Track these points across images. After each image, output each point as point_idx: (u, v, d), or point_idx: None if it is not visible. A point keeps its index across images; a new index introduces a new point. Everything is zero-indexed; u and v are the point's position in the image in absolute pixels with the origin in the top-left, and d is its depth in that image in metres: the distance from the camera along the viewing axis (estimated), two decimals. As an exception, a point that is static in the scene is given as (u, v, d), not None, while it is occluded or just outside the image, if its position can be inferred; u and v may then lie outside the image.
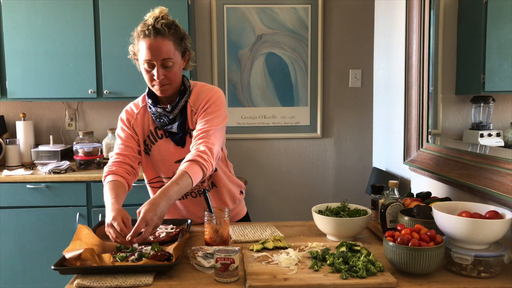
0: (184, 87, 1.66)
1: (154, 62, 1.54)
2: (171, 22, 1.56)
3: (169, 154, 1.66)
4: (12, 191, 2.70)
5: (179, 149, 1.66)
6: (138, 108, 1.70)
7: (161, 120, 1.63)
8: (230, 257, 1.20)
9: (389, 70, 2.48)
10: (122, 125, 1.70)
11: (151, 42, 1.52)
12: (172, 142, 1.65)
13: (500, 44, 1.69)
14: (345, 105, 3.38)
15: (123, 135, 1.68)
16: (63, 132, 3.28)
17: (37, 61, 2.88)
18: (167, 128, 1.64)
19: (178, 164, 1.57)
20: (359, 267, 1.21)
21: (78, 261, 1.24)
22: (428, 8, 1.92)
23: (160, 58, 1.53)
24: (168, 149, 1.66)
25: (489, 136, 1.72)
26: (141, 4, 2.87)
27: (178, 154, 1.65)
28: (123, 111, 1.73)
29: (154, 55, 1.53)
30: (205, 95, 1.65)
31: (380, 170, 2.62)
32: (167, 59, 1.54)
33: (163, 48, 1.53)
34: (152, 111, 1.64)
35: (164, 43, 1.53)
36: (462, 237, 1.25)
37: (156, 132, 1.67)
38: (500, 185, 1.39)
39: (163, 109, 1.62)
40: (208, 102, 1.63)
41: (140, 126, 1.68)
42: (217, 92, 1.68)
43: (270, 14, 3.27)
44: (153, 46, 1.52)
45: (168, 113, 1.62)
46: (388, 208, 1.54)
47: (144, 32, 1.53)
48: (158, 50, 1.52)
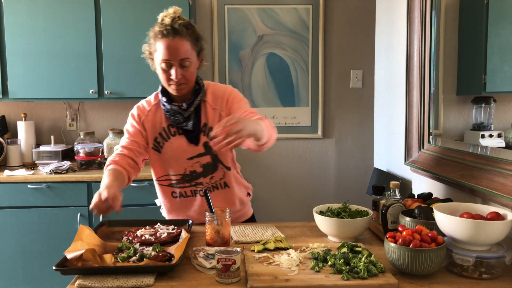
0: (198, 86, 1.68)
1: (172, 62, 1.56)
2: (188, 22, 1.59)
3: (182, 151, 1.68)
4: (13, 191, 2.70)
5: (193, 147, 1.68)
6: (150, 106, 1.72)
7: (175, 118, 1.65)
8: (231, 258, 1.20)
9: (390, 70, 2.48)
10: (132, 120, 1.72)
11: (169, 42, 1.54)
12: (186, 139, 1.68)
13: (501, 44, 1.68)
14: (346, 105, 3.38)
15: (132, 130, 1.70)
16: (64, 132, 3.29)
17: (38, 61, 2.88)
18: (182, 126, 1.67)
19: (190, 161, 1.64)
20: (360, 268, 1.21)
21: (79, 261, 1.24)
22: (430, 9, 1.92)
23: (178, 58, 1.55)
24: (181, 146, 1.68)
25: (490, 137, 1.72)
26: (143, 5, 2.87)
27: (191, 152, 1.68)
28: (134, 107, 1.75)
29: (173, 55, 1.55)
30: (223, 92, 1.70)
31: (381, 171, 2.62)
32: (185, 59, 1.56)
33: (181, 48, 1.55)
34: (167, 109, 1.66)
35: (182, 43, 1.55)
36: (464, 238, 1.25)
37: (169, 129, 1.69)
38: (502, 186, 1.39)
39: (179, 107, 1.64)
40: (230, 96, 1.68)
41: (151, 123, 1.70)
42: (232, 89, 1.72)
43: (271, 15, 3.27)
44: (171, 46, 1.54)
45: (183, 111, 1.64)
46: (389, 209, 1.54)
47: (162, 32, 1.55)
48: (177, 50, 1.54)
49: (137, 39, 2.89)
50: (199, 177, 1.71)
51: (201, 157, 1.69)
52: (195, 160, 1.69)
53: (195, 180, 1.72)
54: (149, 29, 3.15)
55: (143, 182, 2.73)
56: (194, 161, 1.69)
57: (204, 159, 1.70)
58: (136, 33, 2.90)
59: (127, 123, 1.74)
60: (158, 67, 1.61)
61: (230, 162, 1.76)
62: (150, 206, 2.75)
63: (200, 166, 1.70)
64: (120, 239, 1.52)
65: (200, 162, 1.70)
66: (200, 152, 1.69)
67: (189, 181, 1.72)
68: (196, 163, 1.70)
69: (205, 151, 1.69)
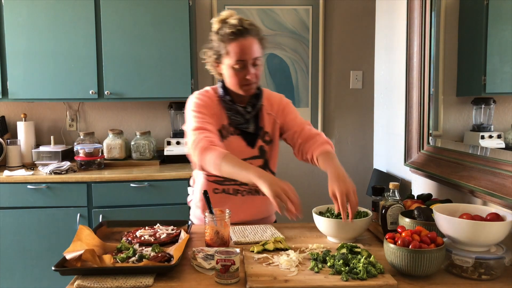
0: (258, 89, 1.70)
1: (247, 61, 1.56)
2: (252, 22, 1.60)
3: (239, 152, 1.66)
4: (13, 191, 2.70)
5: (249, 149, 1.70)
6: (212, 99, 1.68)
7: (236, 118, 1.66)
8: (230, 258, 1.20)
9: (390, 71, 2.48)
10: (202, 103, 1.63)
11: (243, 42, 1.55)
12: (244, 141, 1.69)
13: (501, 45, 1.68)
14: (346, 106, 3.38)
15: (206, 111, 1.61)
16: (64, 132, 3.29)
17: (38, 61, 2.88)
18: (241, 127, 1.68)
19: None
20: (360, 269, 1.21)
21: (78, 262, 1.24)
22: (429, 10, 1.92)
23: (252, 56, 1.57)
24: (239, 146, 1.68)
25: (490, 137, 1.72)
26: (143, 5, 2.88)
27: (246, 153, 1.69)
28: (197, 95, 1.67)
29: (247, 54, 1.56)
30: (279, 100, 1.76)
31: (381, 172, 2.62)
32: (258, 57, 1.59)
33: (254, 46, 1.57)
34: (230, 107, 1.66)
35: (254, 42, 1.57)
36: (463, 239, 1.25)
37: (229, 127, 1.68)
38: (501, 187, 1.39)
39: (244, 108, 1.66)
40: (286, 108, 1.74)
41: (215, 116, 1.65)
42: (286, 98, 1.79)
43: (271, 15, 3.27)
44: (245, 46, 1.55)
45: (246, 113, 1.66)
46: (389, 209, 1.54)
47: (235, 33, 1.55)
48: (251, 49, 1.56)
49: (137, 39, 2.92)
50: None
51: (254, 159, 1.71)
52: (247, 162, 1.68)
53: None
54: (149, 29, 3.14)
55: (143, 182, 2.73)
56: (247, 162, 1.66)
57: (256, 162, 1.71)
58: (136, 33, 2.90)
59: (192, 105, 1.64)
60: (229, 70, 1.60)
61: (275, 168, 1.80)
62: (150, 207, 2.76)
63: None
64: (119, 240, 1.53)
65: (252, 164, 1.68)
66: (255, 155, 1.71)
67: (235, 180, 1.68)
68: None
69: (259, 155, 1.72)
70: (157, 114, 3.32)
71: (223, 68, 1.63)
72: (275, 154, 1.79)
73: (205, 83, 3.30)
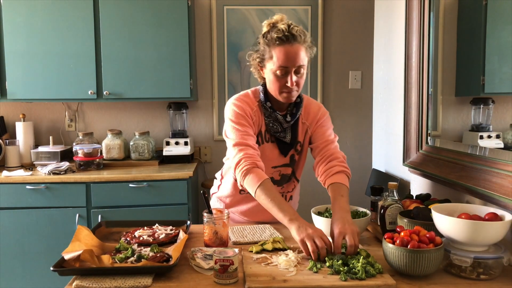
0: (299, 98, 1.68)
1: (290, 68, 1.53)
2: (302, 29, 1.56)
3: (271, 159, 1.68)
4: (12, 192, 2.70)
5: (281, 157, 1.70)
6: (254, 105, 1.66)
7: (274, 126, 1.65)
8: (229, 258, 1.20)
9: (389, 71, 2.48)
10: (242, 113, 1.61)
11: (288, 48, 1.51)
12: (278, 149, 1.68)
13: (500, 45, 1.68)
14: (344, 106, 3.38)
15: (245, 122, 1.60)
16: (62, 133, 3.28)
17: (37, 62, 2.88)
18: (278, 136, 1.66)
19: (273, 169, 1.67)
20: (358, 269, 1.21)
21: (77, 262, 1.24)
22: (428, 10, 1.92)
23: (296, 64, 1.53)
24: (272, 154, 1.68)
25: (488, 138, 1.72)
26: (141, 5, 2.88)
27: (278, 161, 1.70)
28: (237, 101, 1.64)
29: (291, 61, 1.52)
30: (316, 110, 1.72)
31: (380, 172, 2.62)
32: (301, 65, 1.54)
33: (299, 54, 1.53)
34: (270, 114, 1.64)
35: (300, 49, 1.53)
36: (462, 239, 1.25)
37: (265, 134, 1.68)
38: (500, 187, 1.39)
39: (283, 117, 1.64)
40: (320, 119, 1.70)
41: (255, 123, 1.65)
42: (324, 109, 1.75)
43: (270, 16, 3.25)
44: (290, 52, 1.51)
45: (286, 122, 1.64)
46: (388, 209, 1.54)
47: (281, 38, 1.52)
48: (295, 56, 1.52)
49: (136, 39, 2.92)
50: (273, 183, 1.67)
51: (284, 167, 1.72)
52: (278, 169, 1.71)
53: None
54: (148, 29, 3.15)
55: (142, 182, 2.73)
56: (277, 170, 1.71)
57: (286, 169, 1.73)
58: (135, 33, 2.90)
59: (232, 115, 1.61)
60: (271, 74, 1.57)
61: (301, 176, 1.81)
62: (148, 207, 2.75)
63: (279, 175, 1.72)
64: (118, 240, 1.53)
65: (280, 171, 1.72)
66: (285, 163, 1.72)
67: None
68: (277, 171, 1.72)
69: (289, 163, 1.72)
70: (156, 115, 3.32)
71: (266, 72, 1.61)
72: (302, 163, 1.79)
73: (204, 84, 3.30)
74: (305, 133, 1.72)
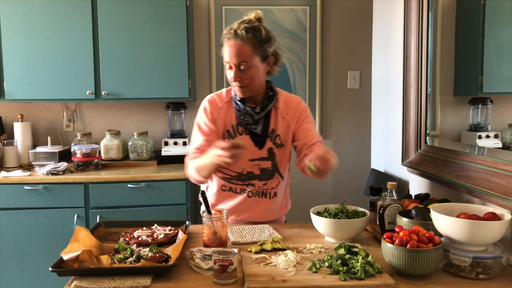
0: (272, 92, 1.75)
1: (231, 64, 1.63)
2: (252, 27, 1.63)
3: (246, 152, 1.68)
4: (10, 192, 2.69)
5: (257, 150, 1.73)
6: (222, 102, 1.75)
7: (245, 119, 1.70)
8: (228, 258, 1.19)
9: (387, 71, 2.48)
10: (205, 117, 1.74)
11: (230, 45, 1.62)
12: (252, 141, 1.72)
13: (498, 45, 1.69)
14: (343, 106, 3.39)
15: (206, 128, 1.73)
16: (61, 133, 3.28)
17: (35, 62, 2.88)
18: (250, 128, 1.71)
19: (251, 162, 1.70)
20: (358, 268, 1.21)
21: (76, 262, 1.24)
22: (426, 10, 1.92)
23: (234, 61, 1.62)
24: (247, 146, 1.68)
25: (487, 137, 1.73)
26: (140, 5, 2.87)
27: (254, 154, 1.73)
28: (206, 101, 1.76)
29: (231, 57, 1.62)
30: (295, 105, 1.77)
31: (379, 172, 2.62)
32: (242, 62, 1.61)
33: (240, 51, 1.61)
34: (239, 108, 1.71)
35: (241, 47, 1.60)
36: (461, 238, 1.25)
37: (237, 128, 1.73)
38: (498, 187, 1.39)
39: (252, 109, 1.70)
40: (302, 113, 1.76)
41: (222, 120, 1.73)
42: (304, 103, 1.81)
43: (269, 16, 3.27)
44: (231, 49, 1.62)
45: (255, 113, 1.70)
46: (387, 209, 1.54)
47: (227, 35, 1.63)
48: (235, 53, 1.61)
49: (134, 39, 2.91)
50: (254, 179, 1.74)
51: (262, 161, 1.73)
52: (255, 163, 1.73)
53: (249, 180, 1.74)
54: (146, 29, 3.16)
55: (140, 183, 2.73)
56: (254, 163, 1.73)
57: (265, 163, 1.74)
58: (133, 33, 2.90)
59: (198, 117, 1.76)
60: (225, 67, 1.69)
61: (286, 172, 1.80)
62: (147, 207, 2.75)
63: (259, 169, 1.74)
64: (116, 240, 1.52)
65: (259, 165, 1.73)
66: (263, 156, 1.73)
67: (243, 180, 1.75)
68: (256, 165, 1.73)
69: (267, 156, 1.73)
70: (154, 115, 3.32)
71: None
72: (286, 159, 1.80)
73: (203, 84, 3.30)
74: (286, 127, 1.74)
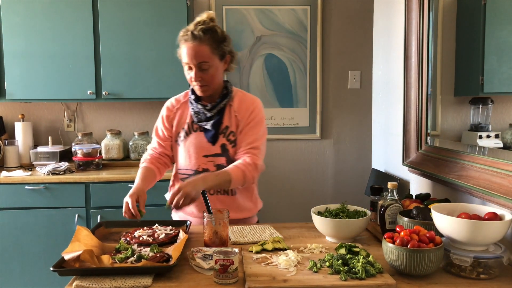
0: (226, 91, 1.79)
1: (191, 65, 1.68)
2: (208, 28, 1.68)
3: (199, 148, 1.77)
4: (11, 192, 2.69)
5: (210, 145, 1.77)
6: (179, 103, 1.85)
7: (198, 116, 1.77)
8: (229, 258, 1.19)
9: (388, 71, 2.48)
10: (161, 122, 1.85)
11: (189, 46, 1.67)
12: (205, 137, 1.77)
13: (498, 45, 1.69)
14: (344, 106, 3.39)
15: (160, 133, 1.85)
16: (62, 133, 3.28)
17: (36, 62, 2.88)
18: (202, 125, 1.77)
19: (205, 158, 1.75)
20: (358, 268, 1.21)
21: (77, 262, 1.24)
22: (427, 10, 1.92)
23: (196, 61, 1.67)
24: (200, 143, 1.77)
25: (487, 137, 1.73)
26: (141, 5, 2.87)
27: (207, 150, 1.77)
28: (165, 106, 1.87)
29: (191, 59, 1.67)
30: (250, 104, 1.79)
31: (379, 172, 2.62)
32: (202, 62, 1.67)
33: (199, 52, 1.66)
34: (193, 106, 1.78)
35: (200, 48, 1.66)
36: (461, 238, 1.25)
37: (192, 125, 1.80)
38: (499, 187, 1.39)
39: (204, 107, 1.76)
40: (252, 113, 1.77)
41: (177, 119, 1.82)
42: (259, 104, 1.82)
43: (269, 16, 3.27)
44: (190, 50, 1.67)
45: (207, 111, 1.75)
46: (387, 209, 1.54)
47: (184, 37, 1.68)
48: (195, 54, 1.66)
49: (135, 39, 2.92)
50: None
51: (216, 157, 1.76)
52: (210, 159, 1.76)
53: None
54: (147, 29, 3.17)
55: (141, 183, 2.72)
56: (209, 159, 1.76)
57: (219, 160, 1.76)
58: (134, 33, 2.90)
59: (158, 120, 1.86)
60: (184, 69, 1.74)
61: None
62: (148, 207, 2.74)
63: (214, 165, 1.76)
64: (117, 240, 1.52)
65: (214, 162, 1.76)
66: (216, 152, 1.76)
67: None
68: (211, 161, 1.76)
69: (221, 153, 1.76)
70: (155, 115, 3.28)
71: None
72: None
73: (203, 83, 3.30)
74: (237, 125, 1.77)
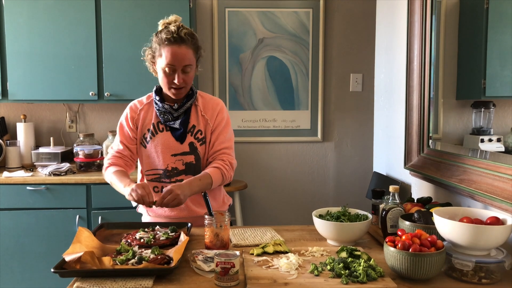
0: (192, 91, 1.81)
1: (177, 67, 1.68)
2: (191, 32, 1.72)
3: (167, 147, 1.77)
4: (12, 193, 2.70)
5: (178, 144, 1.77)
6: (142, 105, 1.83)
7: (165, 116, 1.76)
8: (230, 261, 1.19)
9: (390, 74, 2.48)
10: (125, 123, 1.82)
11: (176, 49, 1.66)
12: (173, 136, 1.77)
13: (501, 49, 1.69)
14: (346, 109, 3.38)
15: (125, 135, 1.81)
16: (63, 134, 3.28)
17: (38, 62, 2.88)
18: (170, 124, 1.77)
19: (174, 157, 1.76)
20: (360, 272, 1.21)
21: (78, 264, 1.24)
22: (430, 13, 1.92)
23: (182, 64, 1.68)
24: (167, 142, 1.77)
25: (489, 141, 1.72)
26: (143, 7, 2.88)
27: (175, 149, 1.77)
28: (128, 107, 1.84)
29: (178, 61, 1.67)
30: (215, 105, 1.82)
31: (381, 175, 2.62)
32: (188, 65, 1.69)
33: (186, 55, 1.68)
34: (159, 107, 1.77)
35: (187, 51, 1.68)
36: (463, 243, 1.24)
37: (158, 125, 1.79)
38: (501, 191, 1.39)
39: (170, 107, 1.76)
40: (220, 114, 1.81)
41: (142, 120, 1.81)
42: (223, 104, 1.86)
43: (272, 18, 3.27)
44: (177, 53, 1.66)
45: (174, 111, 1.76)
46: (389, 213, 1.54)
47: (170, 39, 1.66)
48: (182, 57, 1.67)
49: (137, 41, 2.91)
50: (180, 174, 1.77)
51: (185, 155, 1.78)
52: (178, 158, 1.78)
53: (176, 177, 1.77)
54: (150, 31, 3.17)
55: (142, 184, 2.72)
56: (177, 158, 1.78)
57: (188, 158, 1.78)
58: (136, 35, 2.90)
59: (121, 119, 1.83)
60: (161, 71, 1.71)
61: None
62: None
63: (183, 164, 1.78)
64: (119, 242, 1.52)
65: (183, 160, 1.78)
66: (185, 150, 1.78)
67: (170, 177, 1.78)
68: (179, 160, 1.78)
69: (189, 151, 1.78)
70: (157, 116, 3.32)
71: (157, 69, 1.74)
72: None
73: (205, 85, 3.30)
74: (205, 124, 1.80)
